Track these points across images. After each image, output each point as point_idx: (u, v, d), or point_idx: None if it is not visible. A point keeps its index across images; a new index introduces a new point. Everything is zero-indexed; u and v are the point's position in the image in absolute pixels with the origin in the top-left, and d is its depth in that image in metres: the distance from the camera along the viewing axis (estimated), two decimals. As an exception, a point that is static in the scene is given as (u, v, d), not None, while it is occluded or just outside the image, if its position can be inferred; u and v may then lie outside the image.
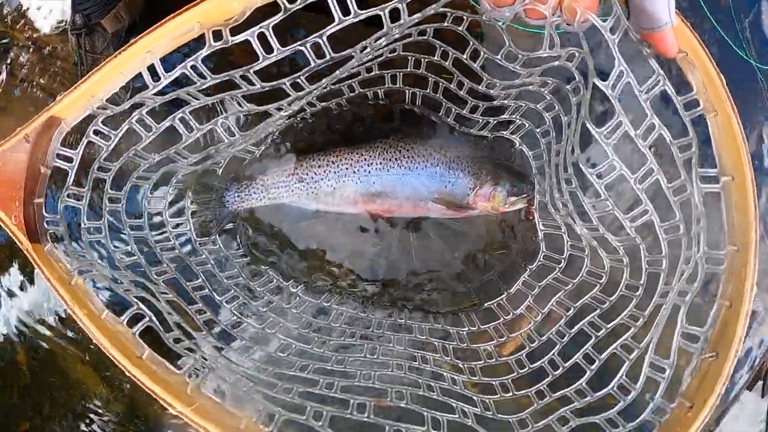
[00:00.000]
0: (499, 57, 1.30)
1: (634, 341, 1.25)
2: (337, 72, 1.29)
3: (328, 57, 1.14)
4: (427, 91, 1.70)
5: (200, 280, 1.54)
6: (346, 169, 1.71)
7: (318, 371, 1.34)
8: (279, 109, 1.40)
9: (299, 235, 1.86)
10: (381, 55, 1.44)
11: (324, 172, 1.72)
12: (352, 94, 1.72)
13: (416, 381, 1.35)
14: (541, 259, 1.72)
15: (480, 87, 1.53)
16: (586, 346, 1.35)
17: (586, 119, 1.18)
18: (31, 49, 2.00)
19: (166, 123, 1.30)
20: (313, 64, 1.15)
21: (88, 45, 1.74)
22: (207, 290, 1.52)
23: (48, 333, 1.99)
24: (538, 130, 1.68)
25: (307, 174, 1.72)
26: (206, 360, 1.15)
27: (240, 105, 1.32)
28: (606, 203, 1.32)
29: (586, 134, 1.23)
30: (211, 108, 1.38)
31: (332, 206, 1.77)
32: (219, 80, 1.15)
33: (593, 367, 1.30)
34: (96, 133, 1.21)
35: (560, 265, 1.64)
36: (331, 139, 1.81)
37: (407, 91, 1.74)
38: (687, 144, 1.11)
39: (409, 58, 1.54)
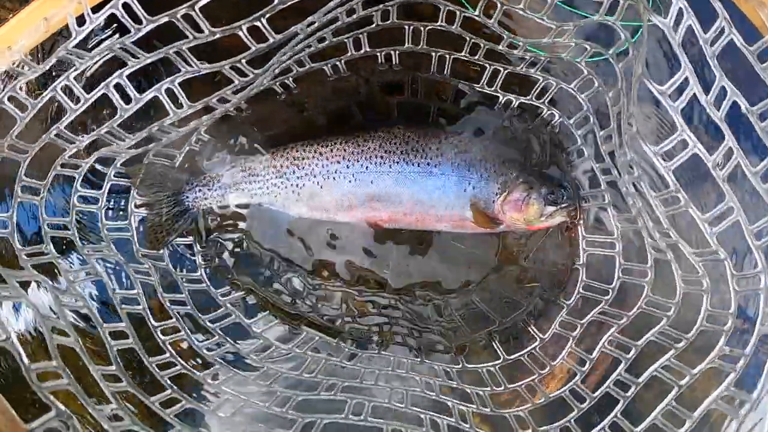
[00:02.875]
0: (521, 5, 1.16)
1: (739, 389, 1.04)
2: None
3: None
4: (431, 72, 1.54)
5: (135, 291, 1.37)
6: (337, 162, 1.53)
7: None
8: (237, 71, 1.26)
9: (275, 245, 1.66)
10: (371, 19, 1.33)
11: (309, 165, 1.53)
12: (334, 76, 1.56)
13: None
14: (581, 290, 1.51)
15: (500, 47, 1.37)
16: (665, 403, 1.14)
17: (645, 78, 1.02)
18: None
19: (98, 92, 1.18)
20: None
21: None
22: (141, 307, 1.35)
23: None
24: (571, 121, 1.51)
25: (287, 166, 1.55)
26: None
27: (188, 63, 1.18)
28: (677, 197, 1.14)
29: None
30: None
31: (318, 211, 1.57)
32: (157, 24, 1.02)
33: (683, 430, 1.08)
34: (11, 100, 1.10)
35: (607, 297, 1.43)
36: (317, 128, 1.62)
37: (406, 80, 1.57)
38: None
39: (405, 27, 1.40)
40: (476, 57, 1.46)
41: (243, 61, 1.21)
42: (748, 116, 0.99)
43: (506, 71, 1.49)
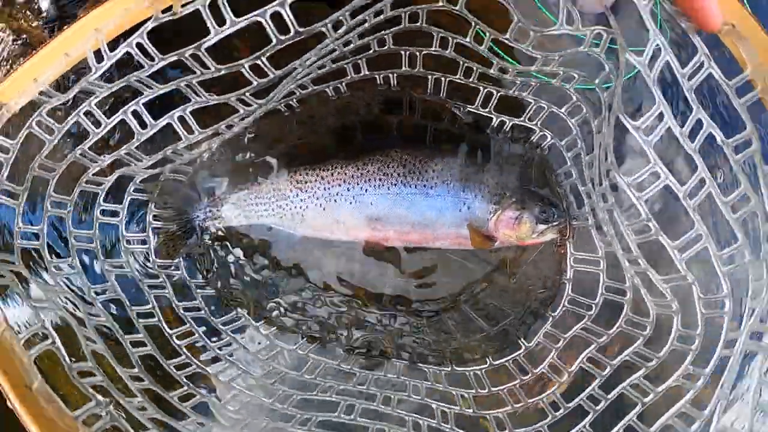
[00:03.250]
0: (507, 36, 1.24)
1: (695, 408, 1.10)
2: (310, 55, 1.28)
3: (292, 33, 1.12)
4: (428, 92, 1.63)
5: (150, 306, 1.49)
6: (339, 185, 1.64)
7: None
8: (242, 101, 1.37)
9: (282, 261, 1.77)
10: (369, 47, 1.42)
11: (312, 188, 1.65)
12: (335, 96, 1.66)
13: None
14: (566, 304, 1.57)
15: (491, 71, 1.45)
16: (629, 416, 1.20)
17: (619, 112, 1.08)
18: (13, 39, 2.10)
19: (117, 117, 1.31)
20: (275, 41, 1.13)
21: None
22: (156, 319, 1.47)
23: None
24: (562, 143, 1.58)
25: (291, 190, 1.66)
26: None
27: (196, 94, 1.30)
28: (648, 225, 1.19)
29: (620, 146, 1.16)
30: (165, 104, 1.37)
31: (322, 231, 1.68)
32: (168, 61, 1.14)
33: None
34: (39, 125, 1.23)
35: (591, 312, 1.49)
36: (321, 146, 1.73)
37: (405, 98, 1.66)
38: (744, 141, 1.00)
39: (402, 53, 1.49)
40: (470, 80, 1.54)
41: (247, 93, 1.32)
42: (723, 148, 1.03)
43: (499, 93, 1.57)
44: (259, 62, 1.20)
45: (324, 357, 1.62)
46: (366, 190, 1.63)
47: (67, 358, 1.04)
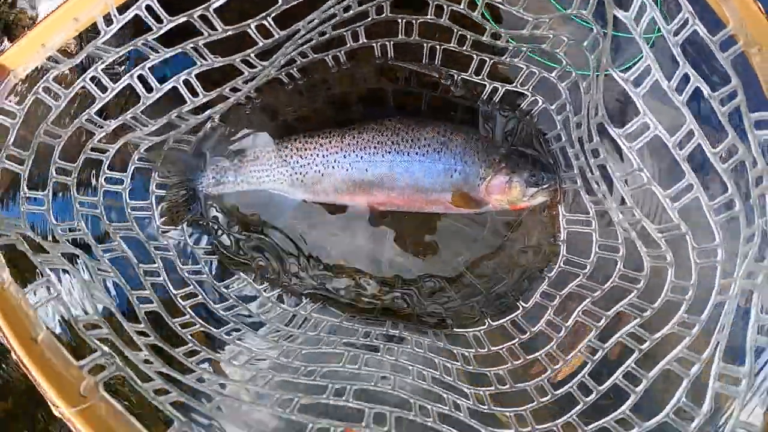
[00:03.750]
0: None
1: (693, 351, 1.14)
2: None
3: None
4: (423, 60, 1.68)
5: (156, 265, 1.51)
6: (336, 153, 1.68)
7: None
8: (247, 63, 1.40)
9: (280, 227, 1.81)
10: (367, 14, 1.47)
11: (311, 155, 1.69)
12: (335, 67, 1.71)
13: (407, 401, 1.28)
14: (562, 264, 1.64)
15: (484, 38, 1.51)
16: (627, 363, 1.25)
17: (609, 67, 1.14)
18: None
19: (124, 81, 1.32)
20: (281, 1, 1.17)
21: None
22: (162, 278, 1.50)
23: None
24: (552, 107, 1.64)
25: (291, 156, 1.70)
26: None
27: (203, 57, 1.33)
28: (640, 175, 1.25)
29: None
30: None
31: (320, 195, 1.73)
32: (177, 22, 1.16)
33: (639, 388, 1.19)
34: (46, 90, 1.23)
35: (585, 270, 1.55)
36: (321, 116, 1.78)
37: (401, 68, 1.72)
38: (730, 92, 1.05)
39: (399, 20, 1.54)
40: (464, 47, 1.59)
41: (252, 54, 1.35)
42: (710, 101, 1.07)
43: (492, 61, 1.62)
44: (265, 22, 1.22)
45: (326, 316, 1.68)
46: (361, 157, 1.68)
47: (72, 310, 1.05)
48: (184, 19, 1.16)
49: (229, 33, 1.23)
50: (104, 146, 1.44)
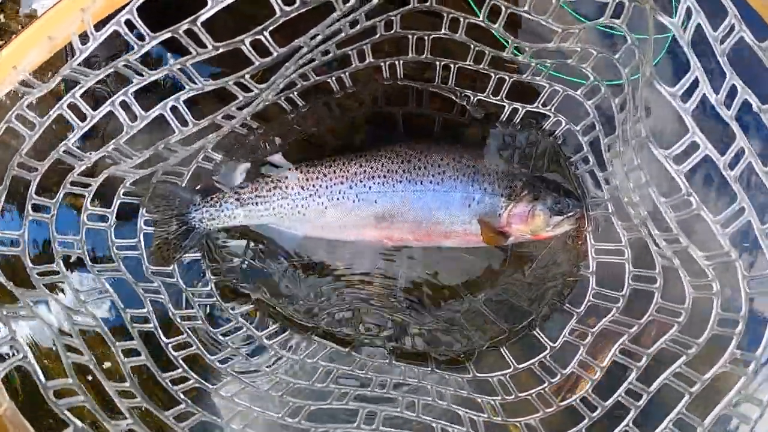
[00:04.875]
0: (526, 8, 1.15)
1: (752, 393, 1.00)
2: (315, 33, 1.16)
3: (298, 3, 1.01)
4: (435, 81, 1.52)
5: (145, 310, 1.35)
6: (341, 183, 1.52)
7: None
8: (241, 86, 1.25)
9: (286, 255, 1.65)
10: (375, 30, 1.32)
11: (314, 186, 1.52)
12: (340, 91, 1.56)
13: None
14: (591, 298, 1.46)
15: (505, 54, 1.36)
16: (677, 409, 1.10)
17: (655, 79, 0.99)
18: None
19: (105, 108, 1.18)
20: (279, 12, 1.02)
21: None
22: (152, 326, 1.33)
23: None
24: (578, 127, 1.48)
25: (293, 188, 1.53)
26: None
27: (191, 80, 1.18)
28: (689, 200, 1.10)
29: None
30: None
31: (325, 231, 1.55)
32: (160, 39, 1.02)
33: None
34: (19, 119, 1.10)
35: (618, 305, 1.38)
36: (325, 142, 1.63)
37: (411, 89, 1.56)
38: None
39: (409, 36, 1.39)
40: (481, 65, 1.44)
41: (247, 76, 1.20)
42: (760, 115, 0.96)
43: (512, 79, 1.47)
44: (261, 37, 1.08)
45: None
46: (370, 188, 1.51)
47: (40, 375, 0.92)
48: (168, 35, 1.02)
49: (221, 50, 1.08)
50: (86, 180, 1.29)
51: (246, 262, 1.62)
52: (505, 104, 1.54)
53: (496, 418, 1.33)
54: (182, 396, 1.26)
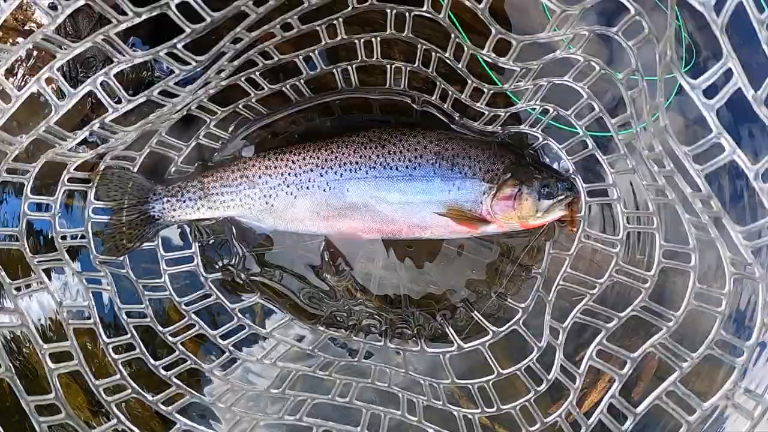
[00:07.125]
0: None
1: None
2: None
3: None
4: (415, 64, 1.33)
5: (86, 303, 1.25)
6: (311, 170, 1.37)
7: None
8: (174, 57, 1.09)
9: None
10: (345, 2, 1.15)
11: (282, 174, 1.37)
12: (313, 72, 1.38)
13: None
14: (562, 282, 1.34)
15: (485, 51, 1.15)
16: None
17: (675, 68, 0.83)
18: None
19: (31, 86, 1.04)
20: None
21: (71, 27, 1.57)
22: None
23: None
24: (569, 112, 1.26)
25: (260, 177, 1.39)
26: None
27: (120, 52, 1.02)
28: (709, 203, 0.93)
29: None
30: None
31: (294, 223, 1.40)
32: (73, 7, 0.89)
33: None
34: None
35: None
36: (295, 130, 1.49)
37: (388, 67, 1.37)
38: None
39: (387, 11, 1.19)
40: (459, 65, 1.24)
41: (179, 45, 1.04)
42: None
43: (491, 91, 1.29)
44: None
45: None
46: (341, 175, 1.36)
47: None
48: (83, 1, 0.88)
49: (144, 17, 0.94)
50: (22, 166, 1.17)
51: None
52: (485, 110, 1.36)
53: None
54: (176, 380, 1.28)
